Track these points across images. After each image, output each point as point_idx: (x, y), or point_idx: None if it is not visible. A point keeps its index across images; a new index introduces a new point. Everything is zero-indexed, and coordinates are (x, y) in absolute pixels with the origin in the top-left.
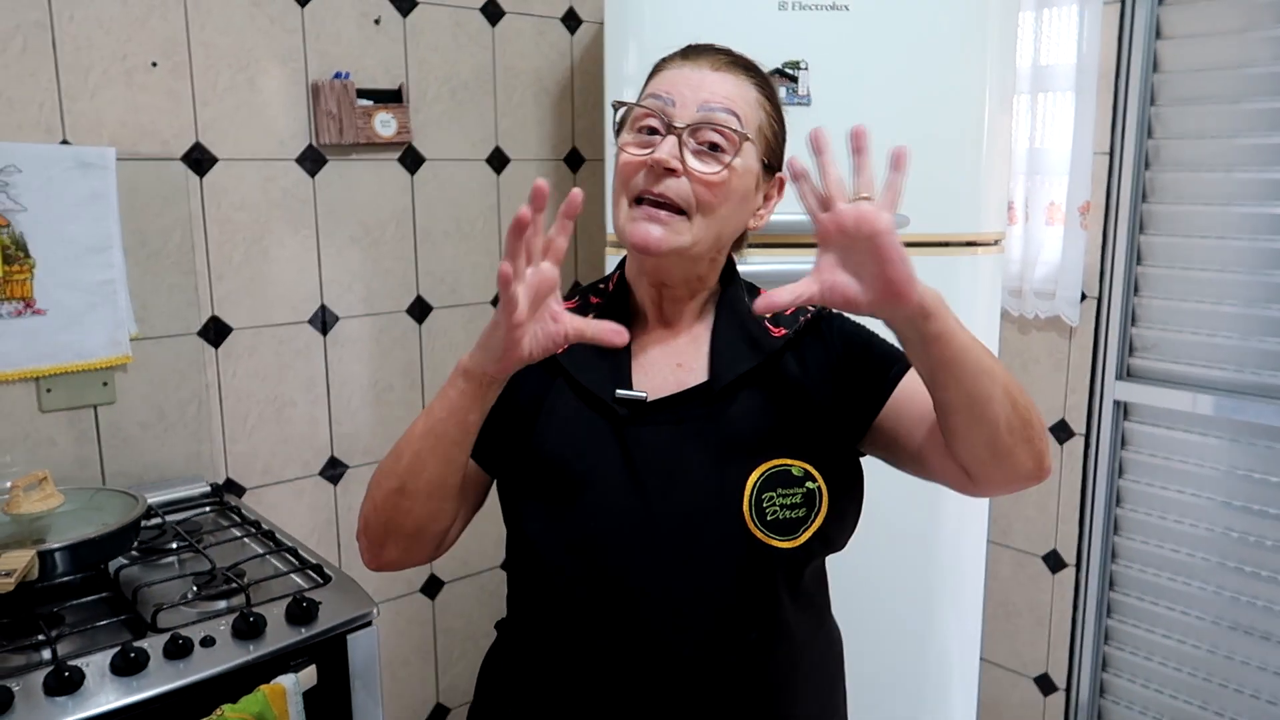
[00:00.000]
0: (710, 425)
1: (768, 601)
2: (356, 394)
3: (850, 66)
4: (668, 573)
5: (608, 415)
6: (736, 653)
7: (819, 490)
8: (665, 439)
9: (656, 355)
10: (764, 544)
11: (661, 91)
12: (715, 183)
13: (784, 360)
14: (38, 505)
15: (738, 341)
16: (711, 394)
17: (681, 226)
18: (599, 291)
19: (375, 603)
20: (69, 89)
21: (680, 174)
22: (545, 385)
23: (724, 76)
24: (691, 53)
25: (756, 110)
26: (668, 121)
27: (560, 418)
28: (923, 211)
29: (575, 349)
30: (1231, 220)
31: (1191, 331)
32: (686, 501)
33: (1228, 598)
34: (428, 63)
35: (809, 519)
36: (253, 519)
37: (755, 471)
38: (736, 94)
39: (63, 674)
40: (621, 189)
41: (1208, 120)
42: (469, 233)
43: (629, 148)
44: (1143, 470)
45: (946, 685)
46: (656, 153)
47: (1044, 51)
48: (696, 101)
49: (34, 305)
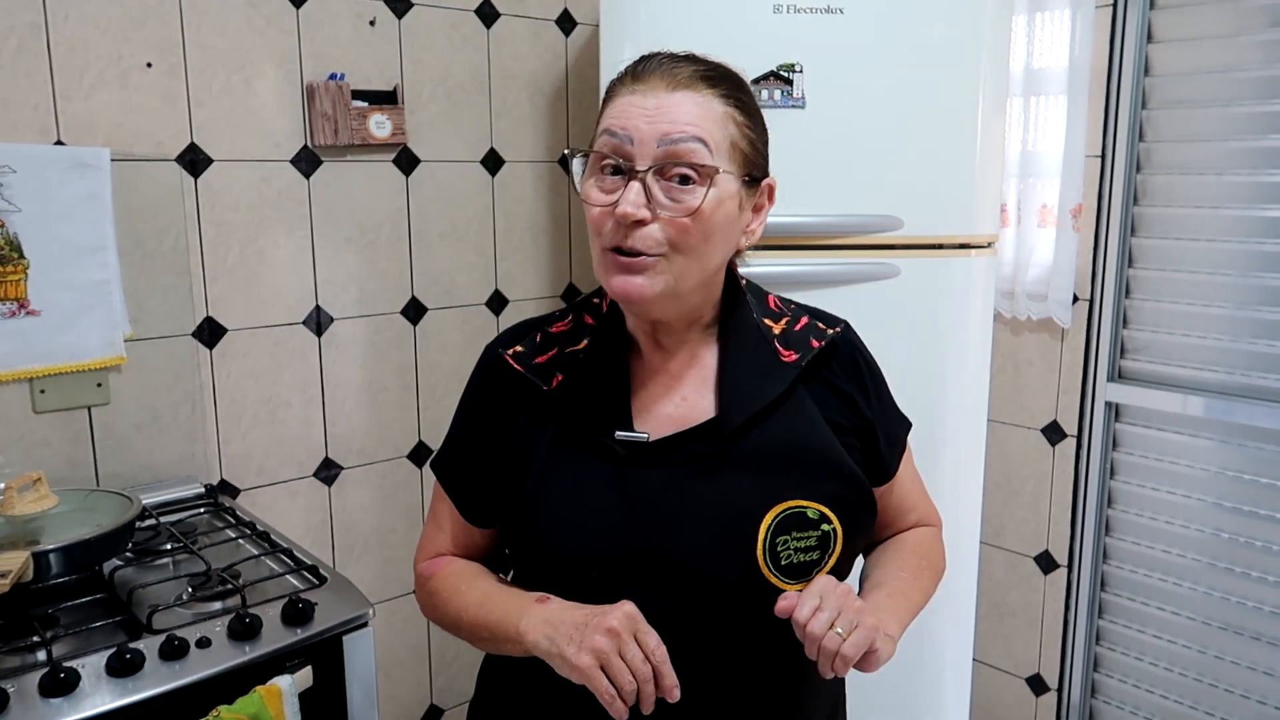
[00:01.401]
0: (720, 466)
1: (777, 643)
2: (351, 395)
3: (845, 69)
4: (673, 620)
5: (607, 457)
6: (745, 691)
7: (834, 533)
8: (670, 482)
9: (657, 389)
10: (777, 589)
11: (617, 128)
12: (692, 218)
13: (796, 391)
14: (32, 506)
15: (747, 373)
16: (721, 433)
17: (661, 268)
18: (594, 309)
19: (371, 604)
20: (64, 90)
21: (650, 221)
22: (536, 429)
23: (683, 96)
24: (642, 72)
25: (725, 127)
26: (629, 165)
27: (554, 462)
28: (916, 213)
29: (570, 383)
30: (1222, 223)
31: (1183, 333)
32: (695, 548)
33: (1218, 598)
34: (423, 64)
35: (823, 560)
36: (247, 520)
37: (769, 514)
38: (699, 115)
39: (58, 675)
40: (596, 240)
41: (1199, 124)
42: (464, 234)
43: (593, 193)
44: (1134, 471)
45: (940, 686)
46: (621, 205)
47: (1036, 55)
48: (655, 135)
49: (28, 306)
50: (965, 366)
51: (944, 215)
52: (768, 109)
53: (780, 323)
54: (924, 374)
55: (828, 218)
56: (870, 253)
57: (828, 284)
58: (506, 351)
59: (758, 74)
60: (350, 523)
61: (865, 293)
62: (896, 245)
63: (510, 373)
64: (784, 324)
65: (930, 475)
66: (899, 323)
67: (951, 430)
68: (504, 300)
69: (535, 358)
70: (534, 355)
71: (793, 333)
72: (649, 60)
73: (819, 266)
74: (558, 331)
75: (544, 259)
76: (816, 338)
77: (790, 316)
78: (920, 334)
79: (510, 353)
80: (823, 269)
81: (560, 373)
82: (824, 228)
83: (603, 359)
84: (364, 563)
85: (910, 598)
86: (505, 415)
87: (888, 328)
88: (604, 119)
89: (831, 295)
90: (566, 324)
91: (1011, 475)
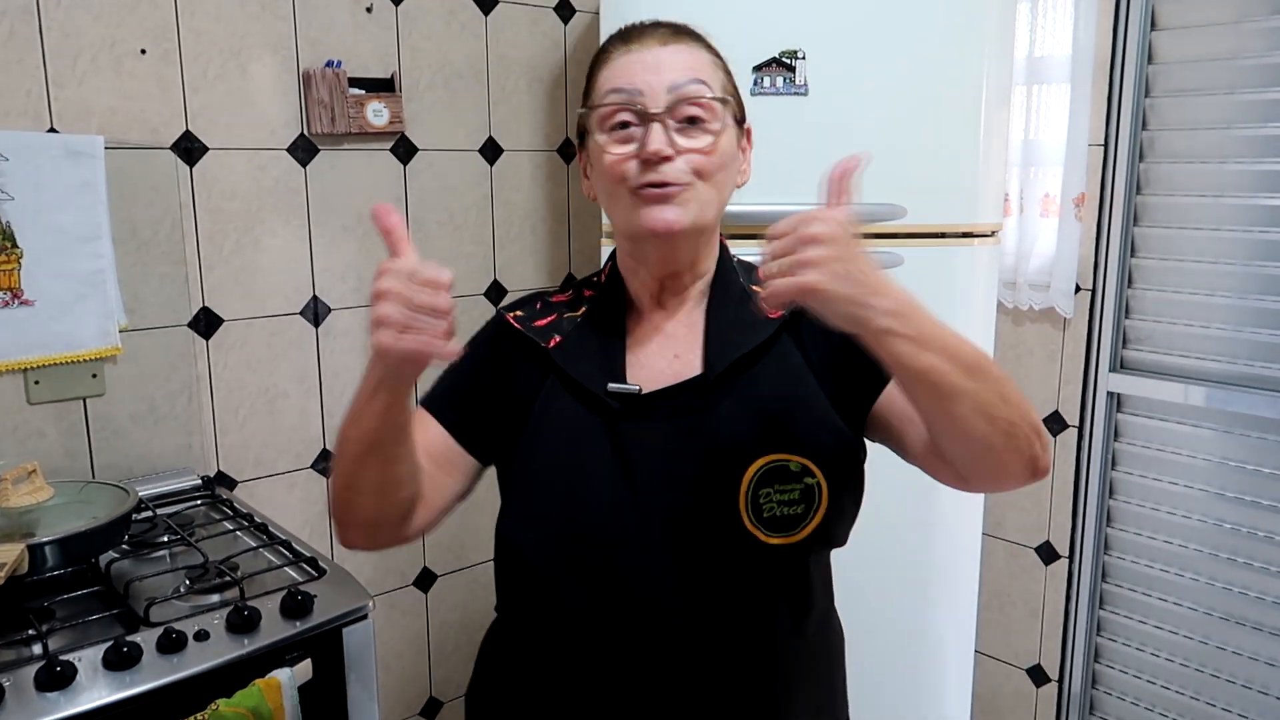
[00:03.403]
0: (705, 419)
1: (766, 598)
2: (349, 386)
3: (848, 56)
4: (662, 571)
5: (600, 410)
6: (734, 648)
7: (818, 486)
8: (660, 433)
9: (654, 346)
10: (761, 542)
11: (623, 84)
12: (710, 152)
13: (782, 342)
14: (26, 498)
15: (732, 327)
16: (706, 385)
17: (689, 195)
18: (592, 284)
19: (371, 595)
20: (56, 76)
21: (674, 157)
22: (537, 380)
23: (677, 49)
24: (633, 35)
25: (716, 72)
26: (643, 110)
27: (551, 413)
28: (919, 202)
29: (568, 342)
30: (1225, 212)
31: (1185, 323)
32: (681, 498)
33: (1219, 588)
34: (420, 51)
35: (808, 515)
36: (245, 512)
37: (751, 468)
38: (695, 62)
39: (54, 669)
40: (616, 185)
41: (1202, 111)
42: (462, 224)
43: (610, 147)
44: (1136, 462)
45: (941, 677)
46: (650, 144)
47: (1039, 43)
48: (663, 85)
49: (21, 296)
50: None
51: (947, 204)
52: (769, 96)
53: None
54: None
55: None
56: (873, 241)
57: None
58: (509, 314)
59: (759, 60)
60: None
61: None
62: (899, 234)
63: (513, 332)
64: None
65: None
66: None
67: None
68: (502, 290)
69: (535, 321)
70: (534, 319)
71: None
72: (632, 28)
73: None
74: (558, 301)
75: (542, 248)
76: None
77: None
78: None
79: (512, 315)
80: None
81: (558, 335)
82: None
83: (601, 319)
84: (362, 554)
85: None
86: (508, 364)
87: None
88: (604, 80)
89: None
90: (566, 295)
91: None
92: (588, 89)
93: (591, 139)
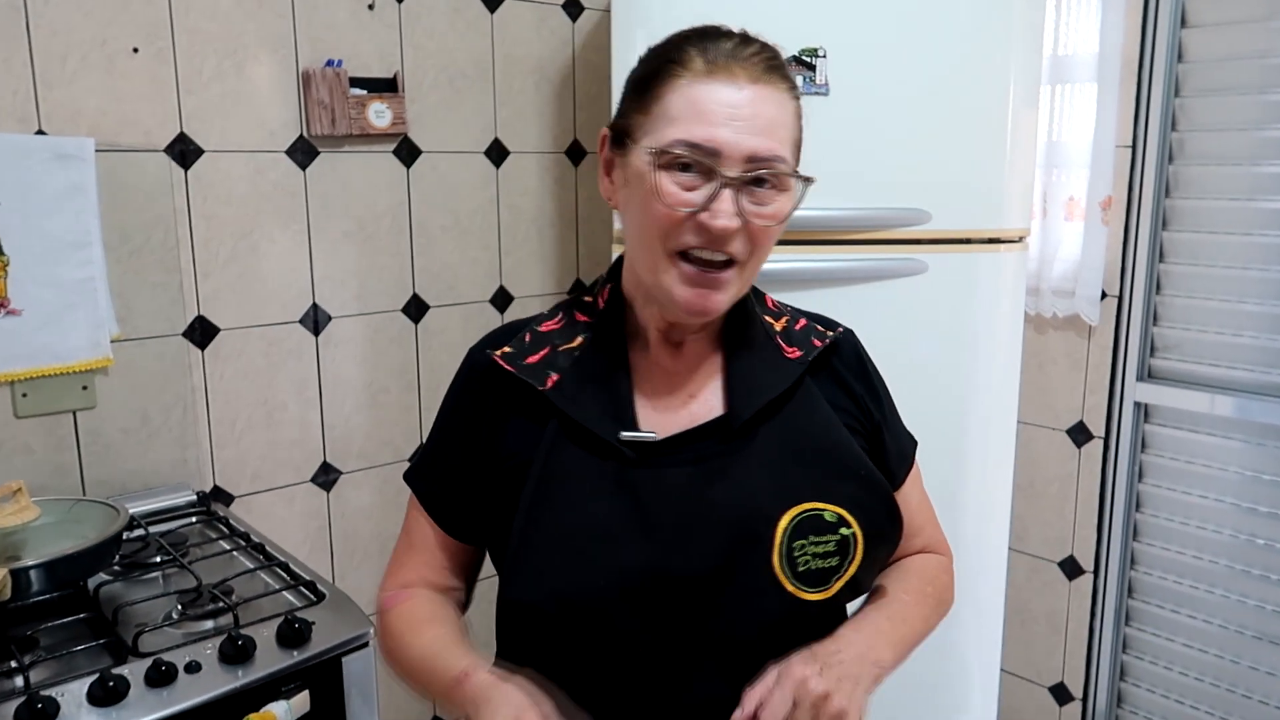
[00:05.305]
0: (732, 465)
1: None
2: (350, 396)
3: (870, 55)
4: (686, 632)
5: (613, 458)
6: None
7: (853, 537)
8: (681, 483)
9: (662, 387)
10: (795, 597)
11: (699, 139)
12: (774, 217)
13: (805, 386)
14: (12, 519)
15: (754, 368)
16: (731, 430)
17: (733, 276)
18: (587, 307)
19: (372, 622)
20: (45, 76)
21: (738, 231)
22: (534, 433)
23: (766, 96)
24: (718, 54)
25: (794, 125)
26: (715, 169)
27: (556, 468)
28: (944, 207)
29: (567, 380)
30: (1257, 216)
31: (1216, 331)
32: (709, 553)
33: (1250, 605)
34: (424, 50)
35: (842, 567)
36: (241, 530)
37: (785, 517)
38: (780, 119)
39: (35, 705)
40: (658, 240)
41: (1234, 112)
42: (467, 228)
43: (666, 185)
44: (1163, 474)
45: (966, 694)
46: (718, 218)
47: (1064, 41)
48: (742, 152)
49: (8, 305)
50: (994, 366)
51: (973, 208)
52: None
53: (780, 320)
54: (952, 374)
55: (852, 211)
56: (896, 248)
57: (852, 280)
58: (495, 352)
59: None
60: (350, 529)
61: (891, 289)
62: (923, 240)
63: (500, 374)
64: (784, 322)
65: (957, 479)
66: (926, 320)
67: (979, 433)
68: (509, 297)
69: (526, 358)
70: (524, 355)
71: (794, 331)
72: (717, 38)
73: (843, 262)
74: (548, 330)
75: (550, 254)
76: (818, 337)
77: (789, 316)
78: (948, 332)
79: (499, 354)
80: (847, 265)
81: (555, 372)
82: (848, 221)
83: (603, 356)
84: (364, 571)
85: (910, 624)
86: (497, 420)
87: (914, 325)
88: (674, 107)
89: (856, 292)
90: (557, 322)
91: (1035, 478)
92: (644, 86)
93: (636, 154)
